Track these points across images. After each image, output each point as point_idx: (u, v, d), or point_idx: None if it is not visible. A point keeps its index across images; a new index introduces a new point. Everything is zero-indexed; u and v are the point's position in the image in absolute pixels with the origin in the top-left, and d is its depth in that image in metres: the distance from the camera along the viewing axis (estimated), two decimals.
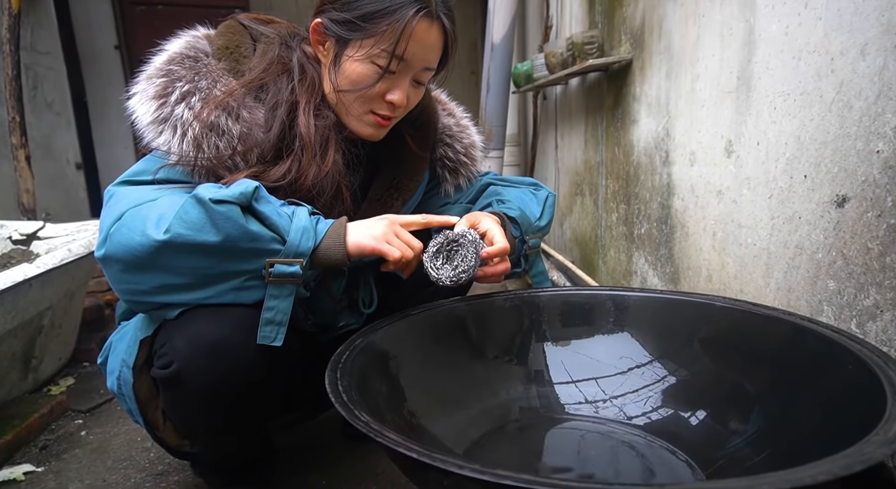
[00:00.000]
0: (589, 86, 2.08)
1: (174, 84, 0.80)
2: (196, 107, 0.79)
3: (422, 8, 0.79)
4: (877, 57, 0.82)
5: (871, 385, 0.60)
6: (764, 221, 1.10)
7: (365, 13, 0.80)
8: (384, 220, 0.82)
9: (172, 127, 0.79)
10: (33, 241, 1.77)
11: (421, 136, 0.99)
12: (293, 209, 0.78)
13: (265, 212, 0.74)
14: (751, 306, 0.82)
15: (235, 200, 0.72)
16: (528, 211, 1.00)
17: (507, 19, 2.35)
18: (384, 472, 1.11)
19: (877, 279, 0.84)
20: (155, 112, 0.79)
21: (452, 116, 1.07)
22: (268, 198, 0.76)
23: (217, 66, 0.85)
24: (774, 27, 1.04)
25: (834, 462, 0.46)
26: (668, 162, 1.50)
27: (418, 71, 0.85)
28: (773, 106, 1.05)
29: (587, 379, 0.88)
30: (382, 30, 0.80)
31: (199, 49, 0.86)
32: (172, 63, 0.82)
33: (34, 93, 2.90)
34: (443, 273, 0.83)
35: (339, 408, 0.60)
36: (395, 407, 0.76)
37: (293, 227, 0.75)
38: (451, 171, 1.05)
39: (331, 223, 0.79)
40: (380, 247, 0.79)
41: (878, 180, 0.82)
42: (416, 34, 0.80)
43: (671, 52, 1.45)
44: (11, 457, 1.26)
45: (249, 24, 0.90)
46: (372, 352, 0.77)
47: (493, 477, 0.45)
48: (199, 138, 0.78)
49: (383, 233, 0.80)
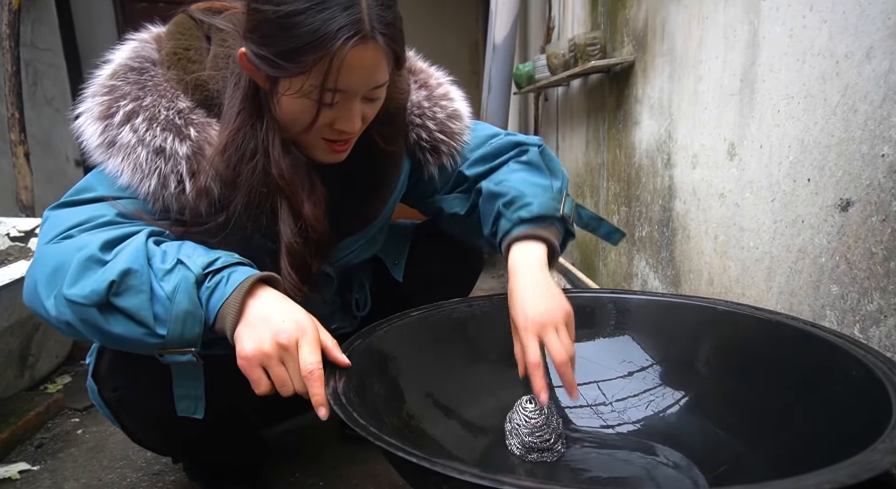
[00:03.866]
0: (591, 87, 2.07)
1: (117, 103, 0.73)
2: (141, 129, 0.72)
3: (352, 35, 0.66)
4: (882, 60, 0.81)
5: (875, 391, 0.59)
6: (766, 225, 1.10)
7: (287, 50, 0.68)
8: (287, 333, 0.64)
9: (119, 152, 0.71)
10: (31, 238, 1.77)
11: (389, 132, 0.87)
12: (176, 282, 0.64)
13: (129, 307, 0.63)
14: (753, 310, 0.82)
15: (87, 302, 0.63)
16: (540, 188, 0.86)
17: (510, 20, 2.35)
18: (382, 474, 1.10)
19: (881, 284, 0.83)
20: (100, 136, 0.72)
21: (425, 87, 0.92)
22: (137, 281, 0.64)
23: (166, 75, 0.76)
24: (779, 29, 1.04)
25: (840, 470, 0.45)
26: (669, 164, 1.49)
27: (365, 92, 0.74)
28: (777, 109, 1.05)
29: (588, 382, 0.87)
30: (309, 67, 0.68)
31: (146, 57, 0.77)
32: (116, 77, 0.74)
33: (34, 89, 2.90)
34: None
35: (338, 411, 0.59)
36: (395, 409, 0.75)
37: (173, 315, 0.64)
38: (430, 151, 0.92)
39: (232, 289, 0.66)
40: (248, 372, 0.65)
41: (882, 184, 0.82)
42: (350, 63, 0.68)
43: (674, 53, 1.44)
44: (7, 455, 1.25)
45: (202, 19, 0.80)
46: (371, 353, 0.76)
47: (493, 482, 0.44)
48: (143, 165, 0.71)
49: (267, 352, 0.64)
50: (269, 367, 0.64)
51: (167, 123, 0.72)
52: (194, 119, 0.74)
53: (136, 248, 0.66)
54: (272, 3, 0.67)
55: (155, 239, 0.69)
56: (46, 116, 2.99)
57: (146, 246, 0.66)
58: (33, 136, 2.27)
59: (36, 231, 1.77)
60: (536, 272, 0.77)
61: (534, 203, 0.83)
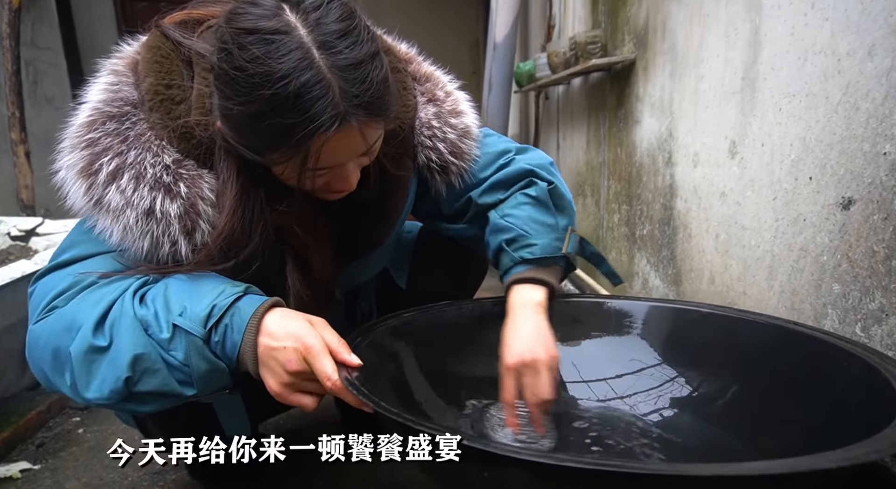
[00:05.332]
0: (591, 86, 2.07)
1: (99, 160, 0.67)
2: (128, 190, 0.66)
3: (326, 127, 0.60)
4: (884, 58, 0.81)
5: (881, 391, 0.60)
6: (768, 223, 1.09)
7: (258, 146, 0.64)
8: (293, 360, 0.65)
9: (107, 214, 0.67)
10: (32, 237, 1.77)
11: (396, 154, 0.81)
12: (185, 349, 0.64)
13: (153, 388, 0.64)
14: (755, 315, 0.83)
15: (112, 401, 0.64)
16: (545, 227, 0.85)
17: (510, 19, 2.35)
18: (382, 473, 1.10)
19: (882, 282, 0.83)
20: (86, 195, 0.67)
21: (433, 102, 0.86)
22: (149, 363, 0.63)
23: (149, 119, 0.69)
24: (780, 27, 1.03)
25: (859, 448, 0.46)
26: (670, 163, 1.49)
27: (356, 159, 0.69)
28: (779, 107, 1.05)
29: (598, 379, 0.87)
30: (286, 159, 0.64)
31: (125, 99, 0.70)
32: (94, 128, 0.68)
33: (34, 88, 2.90)
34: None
35: (369, 403, 0.58)
36: (407, 403, 0.76)
37: (195, 377, 0.65)
38: (439, 172, 0.87)
39: (241, 334, 0.65)
40: (286, 402, 0.68)
41: (884, 182, 0.82)
42: (329, 149, 0.63)
43: (675, 52, 1.44)
44: (8, 454, 1.25)
45: (179, 40, 0.70)
46: (377, 348, 0.76)
47: (555, 460, 0.45)
48: (133, 228, 0.67)
49: (288, 382, 0.66)
50: (300, 389, 0.67)
51: (155, 182, 0.67)
52: (183, 173, 0.69)
53: (130, 326, 0.64)
54: (235, 101, 0.62)
55: (141, 293, 0.67)
56: (47, 115, 2.99)
57: (137, 316, 0.64)
58: (34, 135, 2.27)
59: (37, 230, 1.77)
60: (531, 316, 0.78)
61: (537, 244, 0.83)
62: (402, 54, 0.87)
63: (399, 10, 3.83)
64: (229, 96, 0.62)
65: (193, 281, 0.68)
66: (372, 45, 0.63)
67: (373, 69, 0.62)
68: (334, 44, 0.60)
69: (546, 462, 0.46)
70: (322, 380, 0.64)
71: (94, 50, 3.77)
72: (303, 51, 0.59)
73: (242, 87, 0.60)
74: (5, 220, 1.79)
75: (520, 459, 0.46)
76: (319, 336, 0.66)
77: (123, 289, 0.67)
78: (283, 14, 0.60)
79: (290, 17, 0.60)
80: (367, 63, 0.62)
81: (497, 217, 0.87)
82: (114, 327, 0.64)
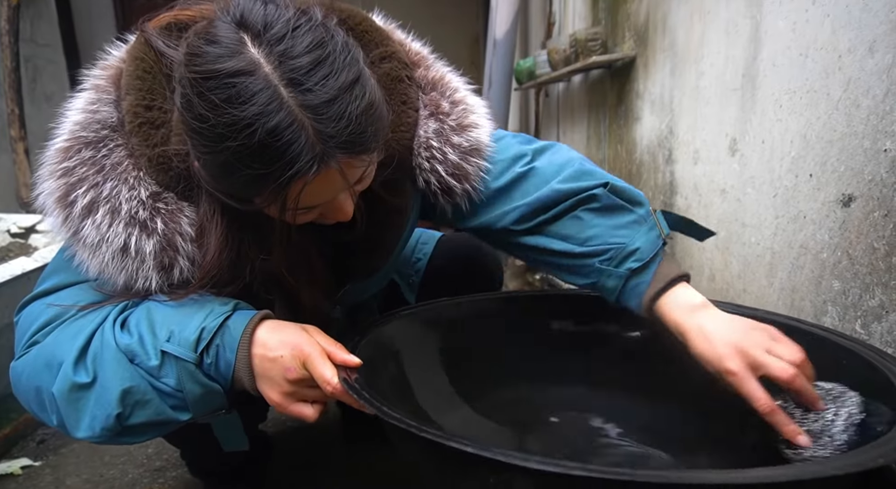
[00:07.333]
0: (592, 83, 2.07)
1: (75, 191, 0.63)
2: (103, 225, 0.63)
3: (306, 170, 0.55)
4: (885, 54, 0.81)
5: (880, 389, 0.60)
6: (768, 220, 1.09)
7: (235, 193, 0.60)
8: (292, 368, 0.64)
9: (84, 248, 0.65)
10: (31, 234, 1.77)
11: (392, 180, 0.73)
12: (176, 375, 0.62)
13: (147, 419, 0.63)
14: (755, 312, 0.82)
15: (107, 437, 0.63)
16: (632, 227, 0.75)
17: (510, 15, 2.34)
18: (383, 474, 1.10)
19: (882, 279, 0.83)
20: (63, 225, 0.65)
21: (435, 116, 0.77)
22: (139, 395, 0.62)
23: (127, 144, 0.65)
24: (781, 24, 1.03)
25: (867, 452, 0.46)
26: (671, 160, 1.49)
27: (345, 191, 0.63)
28: (779, 104, 1.04)
29: (587, 379, 0.87)
30: (265, 204, 0.60)
31: (102, 122, 0.66)
32: (70, 155, 0.64)
33: (33, 85, 2.89)
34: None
35: (370, 407, 0.57)
36: (407, 401, 0.75)
37: (190, 402, 0.63)
38: (442, 194, 0.78)
39: (234, 353, 0.64)
40: (288, 413, 0.66)
41: (885, 179, 0.81)
42: (311, 191, 0.58)
43: (675, 49, 1.43)
44: (9, 451, 1.25)
45: (163, 50, 0.64)
46: (376, 347, 0.76)
47: (560, 468, 0.44)
48: (108, 264, 0.65)
49: (288, 392, 0.65)
50: (302, 399, 0.66)
51: (130, 218, 0.64)
52: (161, 208, 0.65)
53: (114, 358, 0.62)
54: (202, 150, 0.57)
55: (122, 318, 0.65)
56: (46, 112, 2.98)
57: (120, 346, 0.62)
58: (33, 132, 2.27)
59: (37, 227, 1.77)
60: (708, 317, 0.69)
61: (641, 248, 0.73)
62: (411, 57, 0.78)
63: (399, 6, 3.82)
64: (196, 146, 0.58)
65: (178, 302, 0.66)
66: (349, 73, 0.56)
67: (351, 101, 0.55)
68: (304, 80, 0.54)
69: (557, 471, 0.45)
70: (322, 386, 0.63)
71: (93, 47, 3.76)
72: (269, 92, 0.53)
73: (207, 138, 0.55)
74: (5, 217, 1.79)
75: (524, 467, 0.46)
76: (315, 342, 0.65)
77: (103, 318, 0.65)
78: (244, 50, 0.53)
79: (253, 53, 0.53)
80: (342, 97, 0.55)
81: (556, 243, 0.78)
82: (96, 360, 0.62)
